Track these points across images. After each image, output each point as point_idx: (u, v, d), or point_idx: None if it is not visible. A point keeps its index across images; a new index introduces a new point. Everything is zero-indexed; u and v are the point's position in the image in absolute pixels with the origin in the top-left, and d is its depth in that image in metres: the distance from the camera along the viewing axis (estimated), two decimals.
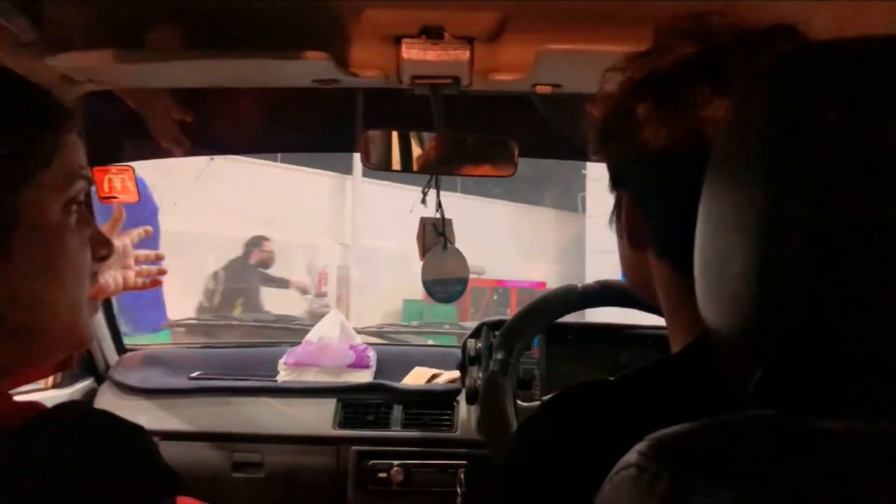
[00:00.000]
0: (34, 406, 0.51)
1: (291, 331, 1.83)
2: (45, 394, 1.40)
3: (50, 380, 1.43)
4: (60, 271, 0.54)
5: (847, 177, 0.35)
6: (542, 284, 11.24)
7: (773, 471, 0.36)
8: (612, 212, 0.64)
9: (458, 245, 1.29)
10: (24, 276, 0.51)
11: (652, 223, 0.59)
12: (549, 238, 12.69)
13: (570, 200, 12.55)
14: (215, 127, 1.37)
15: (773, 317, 0.37)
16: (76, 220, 0.56)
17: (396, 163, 1.18)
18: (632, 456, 0.39)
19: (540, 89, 1.11)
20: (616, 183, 0.63)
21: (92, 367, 1.54)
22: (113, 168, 1.32)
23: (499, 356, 1.21)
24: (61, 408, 0.51)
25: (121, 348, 1.63)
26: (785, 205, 0.37)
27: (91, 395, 1.51)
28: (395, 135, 1.19)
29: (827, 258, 0.36)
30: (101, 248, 0.60)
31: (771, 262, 0.37)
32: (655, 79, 0.57)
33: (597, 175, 10.26)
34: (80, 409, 0.52)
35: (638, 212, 0.60)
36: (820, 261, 0.36)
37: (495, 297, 10.45)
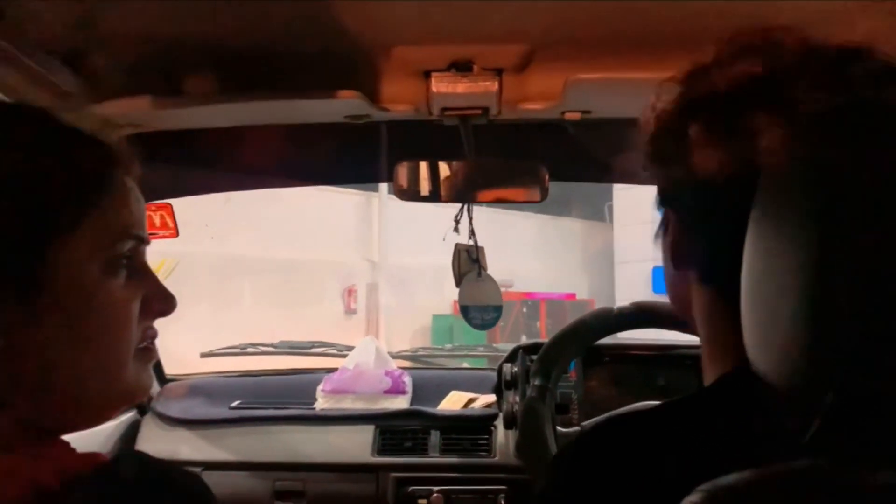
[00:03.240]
0: (96, 458, 0.52)
1: (327, 356, 1.84)
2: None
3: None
4: (99, 334, 0.52)
5: None
6: (572, 296, 11.17)
7: None
8: (659, 227, 0.61)
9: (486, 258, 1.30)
10: (56, 340, 0.50)
11: (697, 247, 0.56)
12: (577, 249, 12.62)
13: (597, 211, 12.48)
14: (249, 163, 1.39)
15: (830, 366, 0.37)
16: (125, 276, 0.54)
17: (427, 192, 1.20)
18: None
19: (569, 116, 1.12)
20: (663, 202, 0.60)
21: None
22: (152, 205, 1.36)
23: (536, 382, 1.21)
24: (122, 458, 0.52)
25: (162, 379, 1.66)
26: (844, 247, 0.37)
27: (135, 426, 1.54)
28: (424, 165, 1.20)
29: (887, 305, 0.35)
30: (161, 303, 0.58)
31: (826, 309, 0.37)
32: (711, 98, 0.53)
33: (624, 185, 10.19)
34: (140, 460, 0.53)
35: (684, 233, 0.57)
36: (879, 308, 0.35)
37: (524, 310, 10.40)
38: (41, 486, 0.46)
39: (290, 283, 8.46)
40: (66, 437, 0.53)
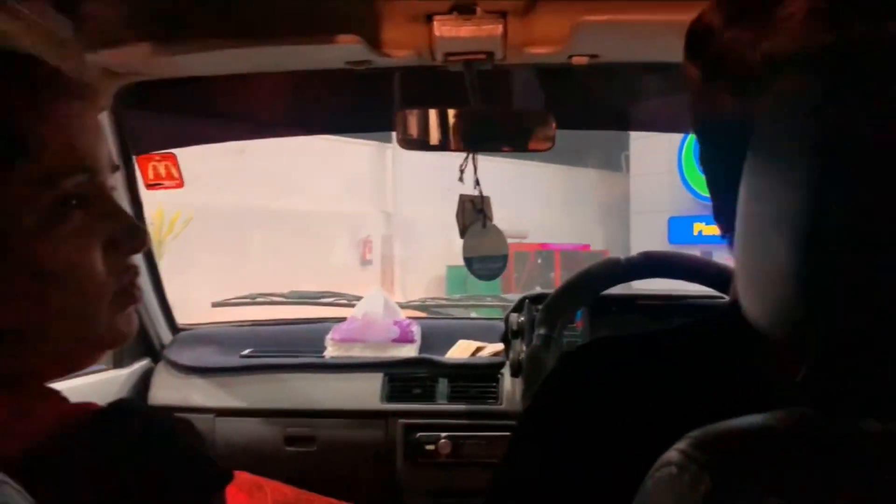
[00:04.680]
0: (86, 407, 0.52)
1: (336, 306, 1.86)
2: (105, 374, 1.46)
3: (111, 360, 1.50)
4: (59, 280, 0.49)
5: None
6: (587, 246, 11.15)
7: (819, 474, 0.35)
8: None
9: (498, 209, 1.29)
10: (13, 290, 0.47)
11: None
12: (592, 199, 12.53)
13: (614, 160, 12.32)
14: (252, 112, 1.38)
15: (817, 315, 0.36)
16: (82, 216, 0.50)
17: (433, 142, 1.18)
18: (672, 454, 0.39)
19: (576, 60, 1.09)
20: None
21: (148, 347, 1.60)
22: (156, 155, 1.35)
23: (541, 331, 1.21)
24: (113, 408, 0.52)
25: (174, 328, 1.69)
26: (832, 195, 0.35)
27: (148, 374, 1.57)
28: (430, 113, 1.18)
29: (874, 254, 0.34)
30: (132, 241, 0.54)
31: (815, 257, 0.36)
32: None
33: (641, 133, 10.03)
34: (132, 409, 0.53)
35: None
36: (867, 257, 0.34)
37: (539, 261, 10.41)
38: (16, 442, 0.45)
39: (305, 235, 8.51)
40: (76, 384, 0.53)
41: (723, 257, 0.61)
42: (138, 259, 0.57)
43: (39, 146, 0.48)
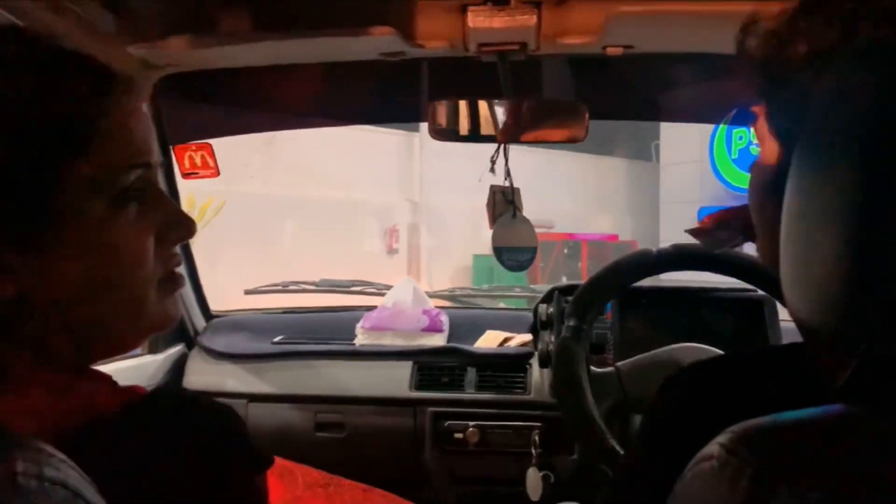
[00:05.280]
0: (134, 390, 0.54)
1: (366, 295, 1.88)
2: (141, 359, 1.50)
3: (146, 346, 1.53)
4: (114, 269, 0.51)
5: None
6: (615, 237, 11.04)
7: (861, 470, 0.35)
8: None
9: (525, 199, 1.29)
10: (70, 278, 0.49)
11: None
12: (621, 189, 12.39)
13: (643, 149, 12.17)
14: (285, 102, 1.39)
15: (863, 314, 0.36)
16: (137, 208, 0.52)
17: (463, 132, 1.18)
18: (713, 448, 0.39)
19: (611, 51, 1.08)
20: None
21: (182, 333, 1.63)
22: (192, 145, 1.38)
23: (571, 323, 1.21)
24: (159, 392, 0.54)
25: (208, 315, 1.72)
26: (878, 196, 0.35)
27: (182, 359, 1.60)
28: (462, 104, 1.18)
29: None
30: (179, 230, 0.57)
31: (861, 257, 0.36)
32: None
33: (671, 123, 9.87)
34: (176, 394, 0.55)
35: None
36: None
37: (566, 251, 10.34)
38: (69, 422, 0.47)
39: (332, 224, 8.56)
40: (112, 368, 0.55)
41: (753, 249, 0.60)
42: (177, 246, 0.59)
43: (104, 141, 0.50)
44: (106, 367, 0.57)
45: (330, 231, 8.53)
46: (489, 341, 1.60)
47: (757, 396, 0.50)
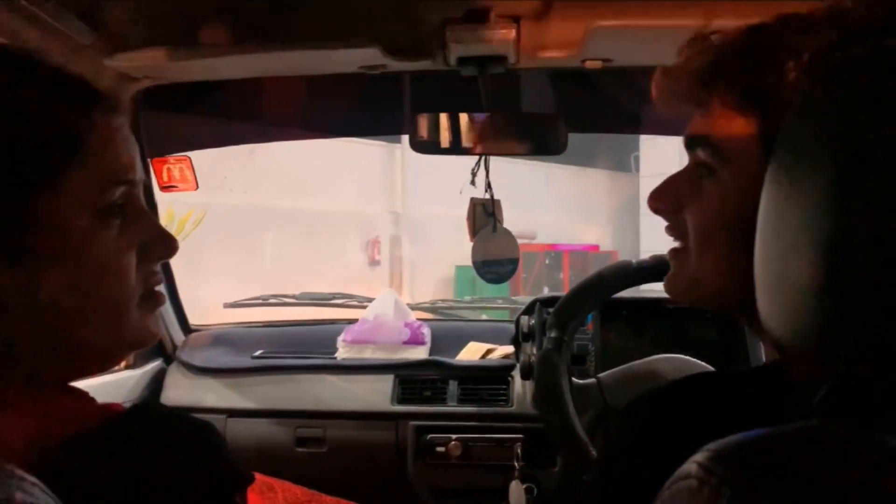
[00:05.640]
0: (112, 408, 0.54)
1: (347, 308, 1.87)
2: (119, 374, 1.48)
3: (123, 362, 1.51)
4: (96, 286, 0.51)
5: None
6: (595, 247, 11.10)
7: (838, 486, 0.35)
8: None
9: (507, 210, 1.29)
10: (52, 295, 0.49)
11: None
12: (602, 200, 12.48)
13: (624, 161, 12.28)
14: (266, 115, 1.39)
15: (840, 333, 0.36)
16: (119, 224, 0.52)
17: (444, 145, 1.18)
18: (691, 466, 0.38)
19: (590, 65, 1.09)
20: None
21: (161, 348, 1.61)
22: (171, 158, 1.36)
23: (552, 334, 1.21)
24: (137, 409, 0.54)
25: (186, 329, 1.70)
26: (851, 216, 0.36)
27: (161, 374, 1.58)
28: (443, 117, 1.18)
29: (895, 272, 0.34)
30: (161, 248, 0.57)
31: (836, 277, 0.36)
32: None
33: (651, 135, 9.98)
34: (154, 410, 0.55)
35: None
36: (888, 275, 0.34)
37: (547, 262, 10.38)
38: (47, 441, 0.46)
39: (314, 235, 8.53)
40: (89, 384, 0.54)
41: None
42: None
43: (89, 158, 0.50)
44: (82, 383, 0.56)
45: (311, 243, 8.50)
46: (471, 353, 1.60)
47: (734, 412, 0.51)
